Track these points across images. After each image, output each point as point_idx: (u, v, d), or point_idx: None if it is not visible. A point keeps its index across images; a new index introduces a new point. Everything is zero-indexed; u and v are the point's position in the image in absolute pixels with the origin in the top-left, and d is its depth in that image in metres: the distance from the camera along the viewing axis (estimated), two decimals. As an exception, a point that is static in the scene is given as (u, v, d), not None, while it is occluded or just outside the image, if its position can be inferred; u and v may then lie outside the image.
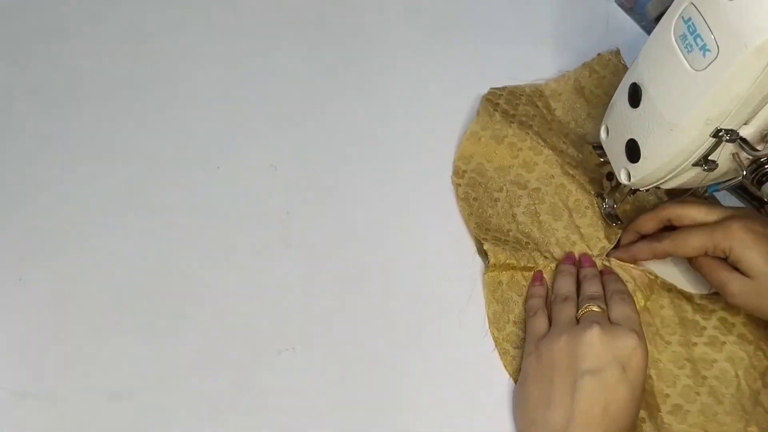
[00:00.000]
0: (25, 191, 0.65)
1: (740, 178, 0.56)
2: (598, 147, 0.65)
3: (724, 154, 0.54)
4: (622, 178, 0.60)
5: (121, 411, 0.56)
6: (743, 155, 0.54)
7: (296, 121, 0.72)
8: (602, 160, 0.65)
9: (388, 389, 0.59)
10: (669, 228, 0.63)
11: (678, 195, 0.66)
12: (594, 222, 0.66)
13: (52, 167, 0.67)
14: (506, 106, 0.71)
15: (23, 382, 0.56)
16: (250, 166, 0.69)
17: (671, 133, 0.54)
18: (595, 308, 0.58)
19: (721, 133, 0.52)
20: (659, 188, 0.60)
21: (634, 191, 0.65)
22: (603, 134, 0.62)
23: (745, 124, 0.52)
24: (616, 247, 0.66)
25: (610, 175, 0.66)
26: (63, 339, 0.58)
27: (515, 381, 0.59)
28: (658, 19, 0.57)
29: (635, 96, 0.57)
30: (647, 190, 0.62)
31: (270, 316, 0.61)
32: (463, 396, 0.59)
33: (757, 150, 0.53)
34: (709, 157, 0.54)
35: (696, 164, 0.55)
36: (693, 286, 0.64)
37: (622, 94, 0.59)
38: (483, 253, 0.64)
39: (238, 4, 0.80)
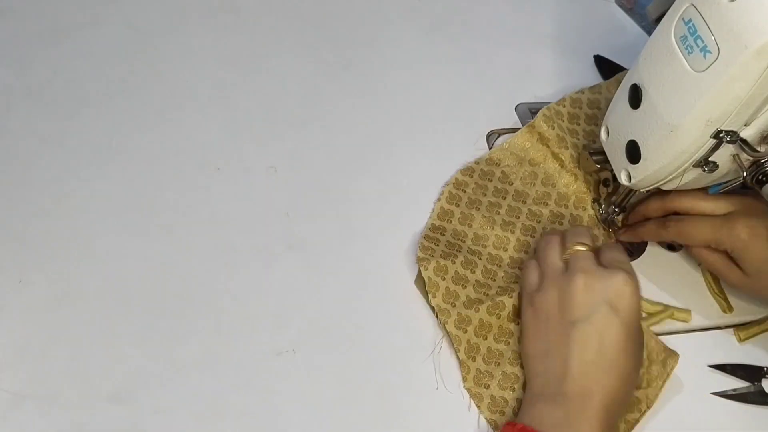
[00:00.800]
0: (25, 191, 0.65)
1: (741, 179, 0.56)
2: (595, 153, 0.65)
3: (724, 156, 0.54)
4: (623, 179, 0.60)
5: (121, 412, 0.56)
6: (744, 156, 0.54)
7: (296, 122, 0.72)
8: (598, 166, 0.65)
9: (388, 390, 0.59)
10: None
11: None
12: None
13: (52, 168, 0.67)
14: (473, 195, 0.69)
15: (23, 383, 0.56)
16: (250, 167, 0.69)
17: (672, 135, 0.54)
18: (581, 247, 0.58)
19: (721, 135, 0.52)
20: (660, 189, 0.60)
21: (623, 204, 0.66)
22: (603, 135, 0.62)
23: (746, 125, 0.52)
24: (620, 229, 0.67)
25: (606, 181, 0.66)
26: (63, 340, 0.58)
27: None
28: (658, 20, 0.57)
29: (635, 97, 0.57)
30: (647, 191, 0.62)
31: (270, 317, 0.61)
32: (465, 395, 0.59)
33: (758, 151, 0.53)
34: (710, 159, 0.54)
35: (696, 165, 0.55)
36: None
37: (622, 94, 0.59)
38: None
39: (239, 5, 0.80)
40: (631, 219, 0.67)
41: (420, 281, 0.63)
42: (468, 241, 0.65)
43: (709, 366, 0.62)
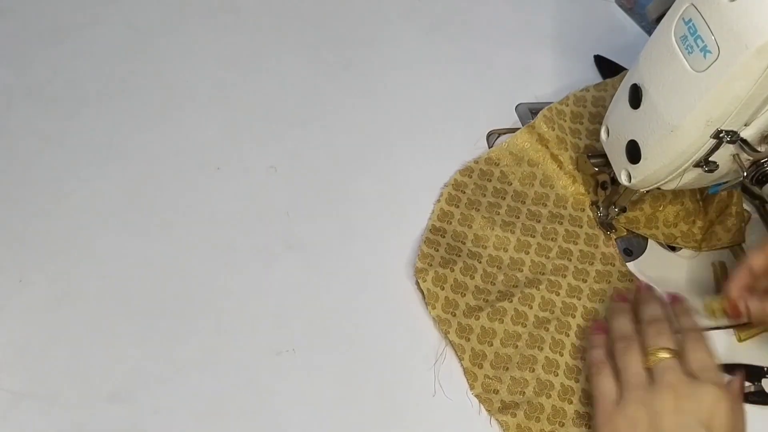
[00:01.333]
0: (25, 191, 0.65)
1: (741, 178, 0.56)
2: (593, 156, 0.65)
3: (724, 155, 0.54)
4: (623, 179, 0.60)
5: (121, 411, 0.56)
6: (744, 156, 0.54)
7: (296, 121, 0.72)
8: (597, 169, 0.65)
9: (388, 390, 0.59)
10: None
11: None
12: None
13: (52, 167, 0.67)
14: (472, 196, 0.68)
15: (23, 382, 0.56)
16: (250, 167, 0.69)
17: (672, 134, 0.54)
18: (665, 355, 0.53)
19: (721, 135, 0.52)
20: (659, 188, 0.60)
21: (624, 208, 0.66)
22: (603, 135, 0.62)
23: (746, 125, 0.52)
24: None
25: (605, 184, 0.66)
26: (63, 340, 0.58)
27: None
28: (658, 20, 0.57)
29: (636, 97, 0.57)
30: (647, 191, 0.62)
31: (270, 317, 0.61)
32: (466, 395, 0.59)
33: (758, 151, 0.53)
34: (710, 159, 0.54)
35: (697, 165, 0.55)
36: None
37: (622, 94, 0.59)
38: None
39: (238, 5, 0.80)
40: (737, 278, 0.57)
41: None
42: (468, 242, 0.65)
43: None
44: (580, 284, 0.64)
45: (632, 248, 0.68)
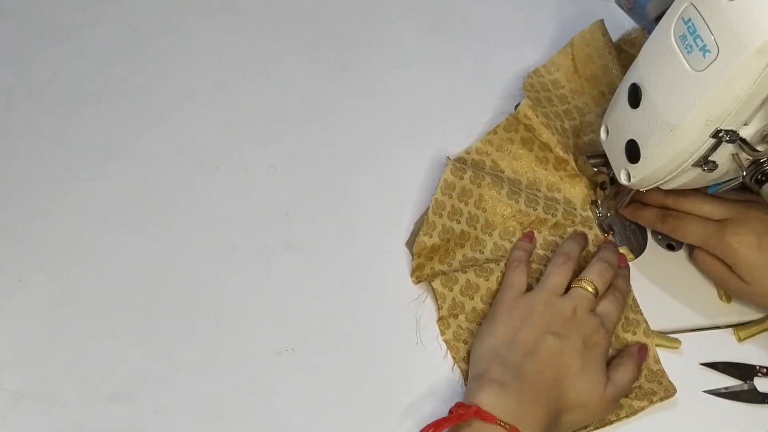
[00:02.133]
0: (25, 191, 0.65)
1: (740, 178, 0.56)
2: (593, 156, 0.65)
3: (724, 155, 0.54)
4: (622, 178, 0.60)
5: (121, 412, 0.56)
6: (743, 156, 0.54)
7: (296, 121, 0.72)
8: (596, 169, 0.65)
9: (388, 389, 0.59)
10: None
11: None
12: None
13: (52, 167, 0.67)
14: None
15: (23, 382, 0.56)
16: (250, 167, 0.69)
17: (671, 134, 0.54)
18: (590, 288, 0.59)
19: (721, 134, 0.52)
20: (659, 188, 0.60)
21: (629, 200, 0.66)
22: (603, 134, 0.62)
23: (745, 124, 0.52)
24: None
25: (604, 184, 0.66)
26: (63, 340, 0.58)
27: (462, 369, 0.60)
28: (658, 19, 0.57)
29: (635, 96, 0.57)
30: (646, 191, 0.62)
31: (269, 317, 0.61)
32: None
33: (757, 150, 0.53)
34: (709, 158, 0.54)
35: (696, 165, 0.55)
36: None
37: (622, 94, 0.59)
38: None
39: (238, 5, 0.80)
40: (629, 207, 0.68)
41: (410, 243, 0.65)
42: (471, 204, 0.66)
43: (701, 364, 0.62)
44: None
45: (632, 248, 0.68)
